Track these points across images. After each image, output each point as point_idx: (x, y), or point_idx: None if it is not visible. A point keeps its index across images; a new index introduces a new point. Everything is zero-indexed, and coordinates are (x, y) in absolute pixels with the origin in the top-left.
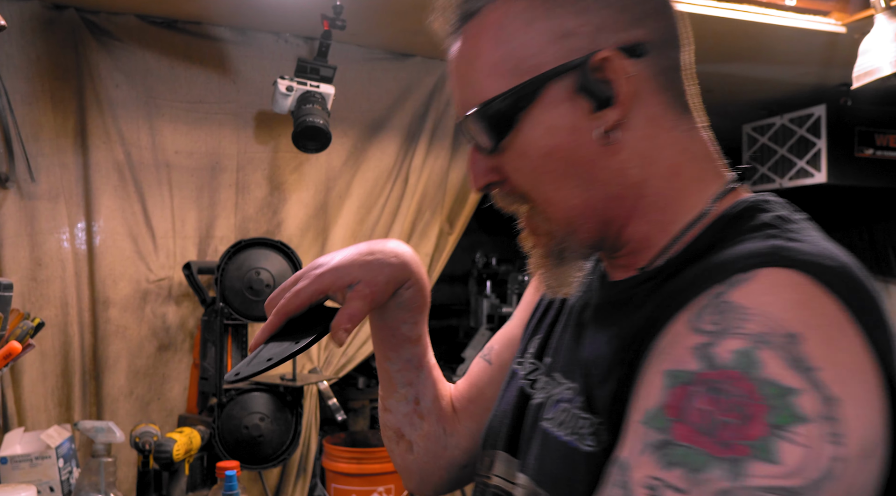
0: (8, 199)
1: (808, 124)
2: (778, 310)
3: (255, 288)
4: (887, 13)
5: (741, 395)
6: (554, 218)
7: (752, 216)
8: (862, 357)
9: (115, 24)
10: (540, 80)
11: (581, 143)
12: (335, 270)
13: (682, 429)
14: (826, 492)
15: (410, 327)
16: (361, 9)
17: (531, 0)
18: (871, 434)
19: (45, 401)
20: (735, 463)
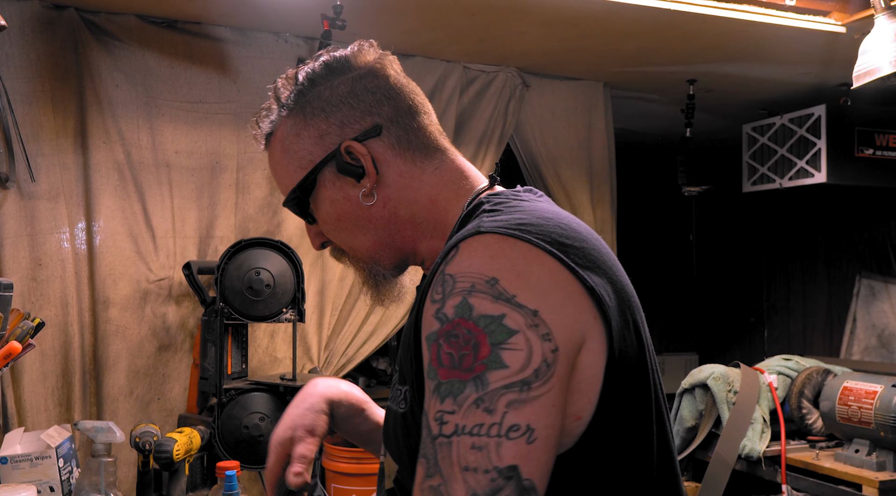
0: (8, 199)
1: (808, 124)
2: (476, 266)
3: (255, 288)
4: (887, 13)
5: (467, 333)
6: (360, 258)
7: (478, 208)
8: (553, 274)
9: (115, 24)
10: (314, 171)
11: (356, 206)
12: (276, 442)
13: (442, 372)
14: (550, 374)
15: (365, 423)
16: (361, 9)
17: (296, 116)
18: (580, 324)
19: (45, 401)
20: (478, 378)
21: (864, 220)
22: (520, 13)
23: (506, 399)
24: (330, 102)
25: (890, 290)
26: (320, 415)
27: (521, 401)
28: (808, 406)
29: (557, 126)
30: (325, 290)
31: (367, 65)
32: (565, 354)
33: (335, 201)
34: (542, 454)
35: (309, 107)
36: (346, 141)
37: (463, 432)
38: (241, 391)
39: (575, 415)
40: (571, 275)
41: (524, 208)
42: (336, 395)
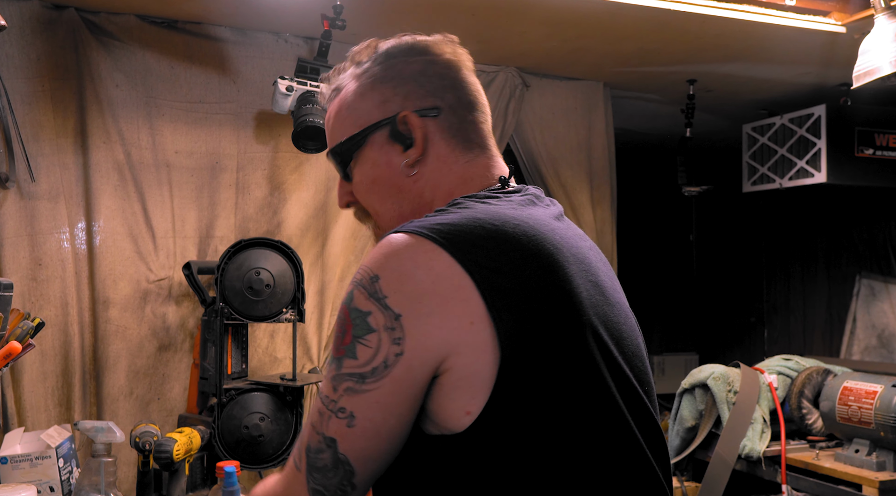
0: (8, 199)
1: (808, 124)
2: (370, 262)
3: (255, 288)
4: (887, 13)
5: (343, 319)
6: (381, 223)
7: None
8: (437, 283)
9: (115, 24)
10: (368, 131)
11: (395, 173)
12: None
13: (332, 345)
14: (384, 375)
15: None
16: (361, 9)
17: (366, 79)
18: (437, 337)
19: (45, 401)
20: (338, 360)
21: (864, 220)
22: (520, 13)
23: (345, 385)
24: (401, 75)
25: (890, 290)
26: None
27: (353, 390)
28: (808, 406)
29: (557, 126)
30: (325, 290)
31: (444, 54)
32: (413, 359)
33: (377, 164)
34: (360, 440)
35: (381, 74)
36: (406, 111)
37: (319, 395)
38: (241, 391)
39: (463, 409)
40: (465, 279)
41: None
42: None
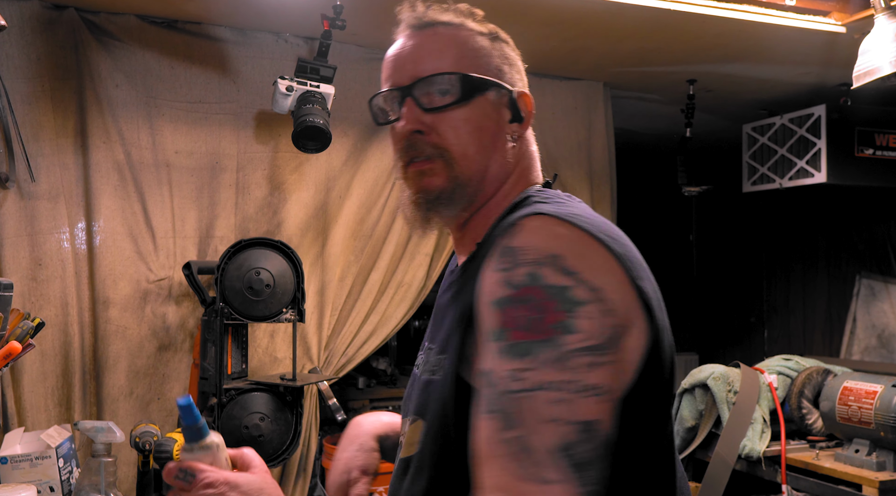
0: (8, 199)
1: (808, 124)
2: (539, 242)
3: (255, 288)
4: (887, 13)
5: (537, 299)
6: (462, 167)
7: (527, 198)
8: (608, 262)
9: (115, 24)
10: (492, 83)
11: (499, 133)
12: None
13: (514, 334)
14: (617, 345)
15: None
16: (361, 9)
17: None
18: (630, 309)
19: (45, 401)
20: (553, 340)
21: (864, 220)
22: (520, 13)
23: (584, 360)
24: (510, 59)
25: (890, 290)
26: (371, 454)
27: (596, 364)
28: (808, 406)
29: (557, 126)
30: (325, 290)
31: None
32: (624, 330)
33: (489, 116)
34: (611, 414)
35: (498, 48)
36: (523, 91)
37: (543, 387)
38: (241, 391)
39: None
40: (619, 265)
41: (572, 205)
42: (382, 430)
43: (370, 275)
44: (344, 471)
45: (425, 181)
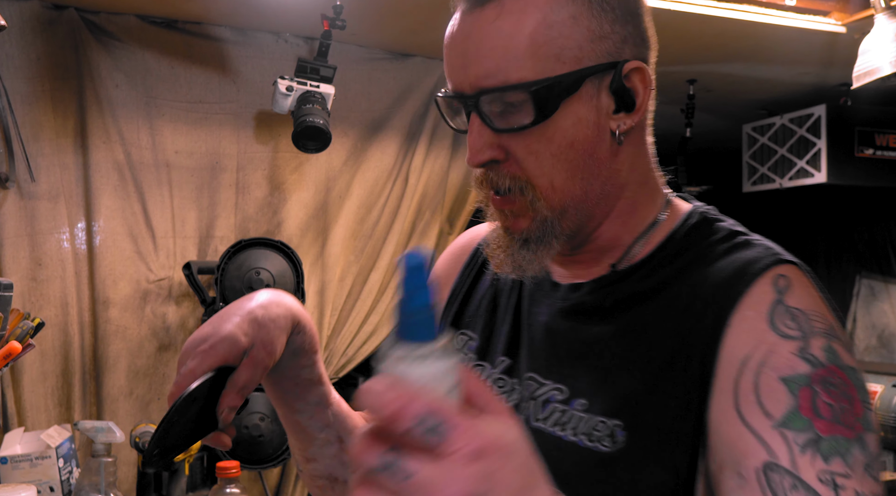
0: (8, 199)
1: (808, 124)
2: (815, 306)
3: (255, 288)
4: (887, 13)
5: (842, 384)
6: (551, 203)
7: (711, 225)
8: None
9: (115, 24)
10: (583, 73)
11: (599, 140)
12: (226, 340)
13: (821, 424)
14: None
15: (310, 370)
16: (361, 9)
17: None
18: None
19: (45, 401)
20: (861, 439)
21: (864, 220)
22: None
23: (879, 466)
24: (626, 6)
25: (890, 290)
26: (281, 337)
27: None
28: None
29: None
30: (325, 290)
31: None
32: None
33: (582, 122)
34: None
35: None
36: (635, 61)
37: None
38: None
39: None
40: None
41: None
42: (303, 319)
43: (370, 275)
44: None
45: (509, 222)
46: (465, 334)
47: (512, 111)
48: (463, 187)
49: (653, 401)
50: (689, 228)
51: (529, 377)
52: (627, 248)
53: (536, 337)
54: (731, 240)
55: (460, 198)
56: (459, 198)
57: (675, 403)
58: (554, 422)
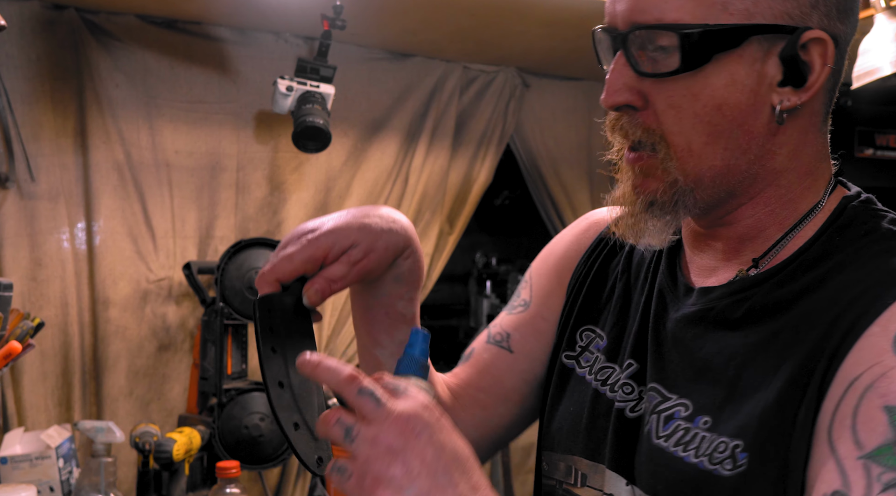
0: (8, 199)
1: None
2: None
3: (255, 288)
4: (887, 13)
5: None
6: (686, 167)
7: (868, 220)
8: None
9: (115, 24)
10: (750, 29)
11: (753, 110)
12: (332, 233)
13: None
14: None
15: (406, 304)
16: (361, 9)
17: None
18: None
19: (45, 401)
20: None
21: None
22: (520, 13)
23: None
24: None
25: None
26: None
27: None
28: None
29: (557, 126)
30: None
31: None
32: None
33: (737, 84)
34: None
35: None
36: (819, 31)
37: None
38: (241, 391)
39: None
40: None
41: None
42: (415, 246)
43: None
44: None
45: (638, 180)
46: (592, 331)
47: (661, 56)
48: (463, 187)
49: (775, 423)
50: (841, 224)
51: (653, 388)
52: (773, 244)
53: (663, 343)
54: (887, 240)
55: (460, 198)
56: (459, 198)
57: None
58: (676, 442)
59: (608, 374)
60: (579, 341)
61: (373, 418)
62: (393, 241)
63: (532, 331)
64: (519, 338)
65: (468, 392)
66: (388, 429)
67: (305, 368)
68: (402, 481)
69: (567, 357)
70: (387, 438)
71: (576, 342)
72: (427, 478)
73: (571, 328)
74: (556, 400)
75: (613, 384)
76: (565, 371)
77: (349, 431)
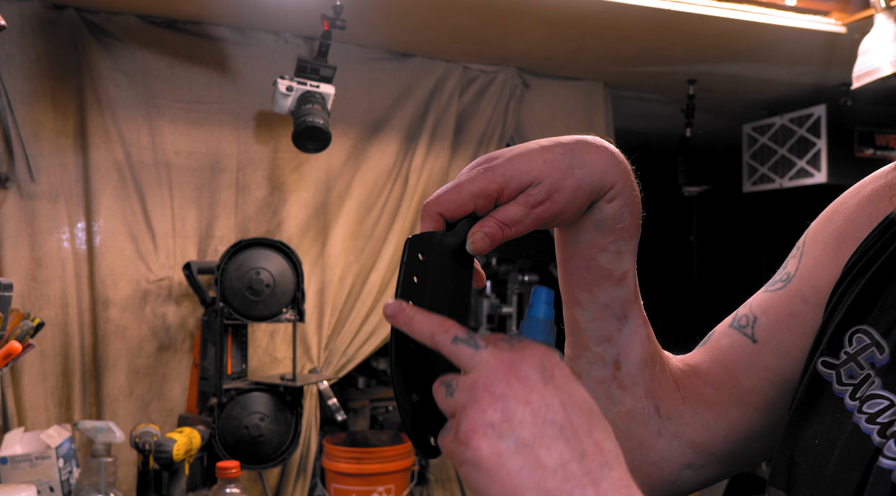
0: (8, 199)
1: (808, 124)
2: None
3: (255, 288)
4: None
5: None
6: None
7: None
8: None
9: (115, 24)
10: None
11: None
12: (510, 163)
13: None
14: None
15: (612, 258)
16: (361, 9)
17: None
18: None
19: (45, 401)
20: None
21: None
22: (520, 13)
23: None
24: None
25: None
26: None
27: None
28: None
29: (557, 126)
30: (325, 290)
31: None
32: None
33: None
34: None
35: None
36: None
37: None
38: (241, 391)
39: None
40: None
41: None
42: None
43: (370, 275)
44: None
45: None
46: (868, 334)
47: None
48: None
49: None
50: None
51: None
52: None
53: None
54: None
55: None
56: None
57: None
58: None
59: (880, 408)
60: (846, 346)
61: (472, 365)
62: (588, 178)
63: (786, 315)
64: (766, 325)
65: (693, 383)
66: (487, 373)
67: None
68: (502, 427)
69: (825, 364)
70: (486, 381)
71: (841, 345)
72: (532, 428)
73: (839, 324)
74: (800, 419)
75: (887, 425)
76: (818, 382)
77: (449, 387)
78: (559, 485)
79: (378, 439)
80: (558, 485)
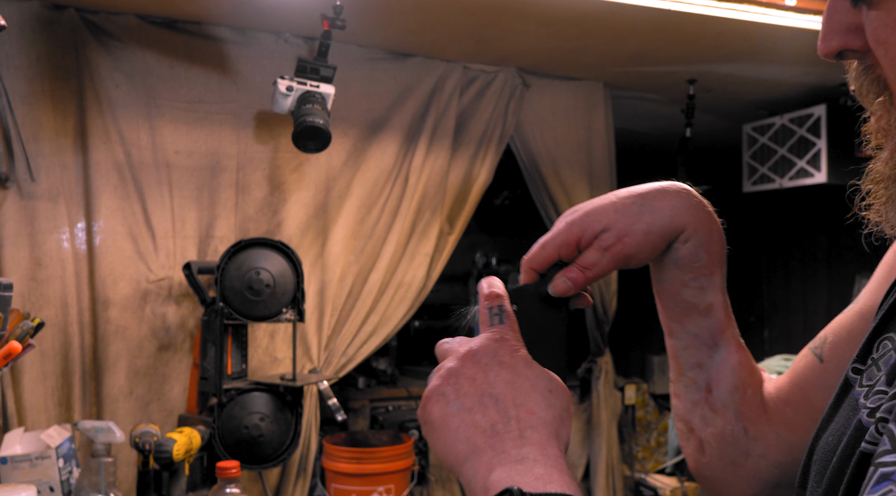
0: (8, 199)
1: (808, 124)
2: None
3: (255, 288)
4: None
5: None
6: None
7: None
8: None
9: (115, 24)
10: None
11: None
12: (585, 216)
13: None
14: None
15: (695, 293)
16: (361, 9)
17: None
18: None
19: (45, 401)
20: None
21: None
22: (520, 13)
23: None
24: None
25: None
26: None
27: None
28: None
29: (557, 126)
30: (325, 290)
31: None
32: None
33: None
34: None
35: None
36: None
37: None
38: (241, 391)
39: None
40: None
41: None
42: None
43: (370, 275)
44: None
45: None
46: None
47: None
48: (463, 187)
49: None
50: None
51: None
52: None
53: None
54: None
55: (460, 198)
56: (459, 198)
57: None
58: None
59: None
60: (874, 351)
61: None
62: (657, 223)
63: (847, 334)
64: (832, 344)
65: (777, 405)
66: (452, 359)
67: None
68: (450, 396)
69: (854, 370)
70: (450, 364)
71: (870, 352)
72: (473, 398)
73: (872, 332)
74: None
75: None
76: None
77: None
78: (485, 440)
79: (378, 439)
80: (485, 441)
